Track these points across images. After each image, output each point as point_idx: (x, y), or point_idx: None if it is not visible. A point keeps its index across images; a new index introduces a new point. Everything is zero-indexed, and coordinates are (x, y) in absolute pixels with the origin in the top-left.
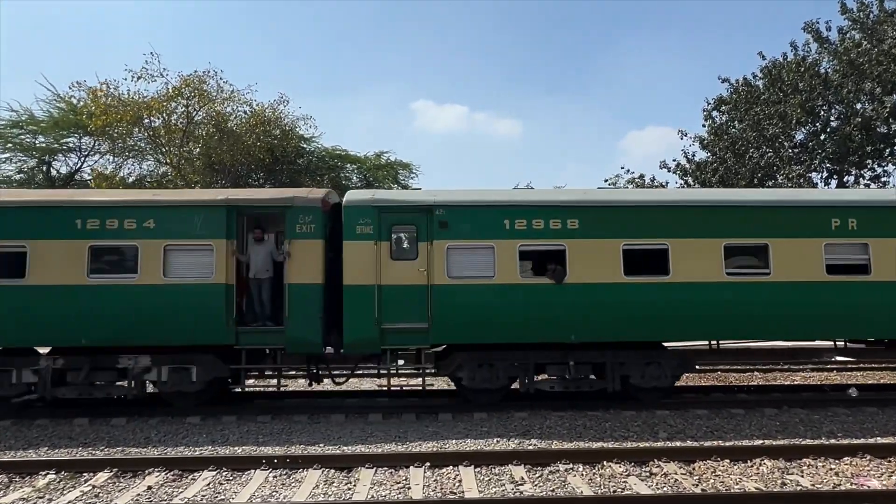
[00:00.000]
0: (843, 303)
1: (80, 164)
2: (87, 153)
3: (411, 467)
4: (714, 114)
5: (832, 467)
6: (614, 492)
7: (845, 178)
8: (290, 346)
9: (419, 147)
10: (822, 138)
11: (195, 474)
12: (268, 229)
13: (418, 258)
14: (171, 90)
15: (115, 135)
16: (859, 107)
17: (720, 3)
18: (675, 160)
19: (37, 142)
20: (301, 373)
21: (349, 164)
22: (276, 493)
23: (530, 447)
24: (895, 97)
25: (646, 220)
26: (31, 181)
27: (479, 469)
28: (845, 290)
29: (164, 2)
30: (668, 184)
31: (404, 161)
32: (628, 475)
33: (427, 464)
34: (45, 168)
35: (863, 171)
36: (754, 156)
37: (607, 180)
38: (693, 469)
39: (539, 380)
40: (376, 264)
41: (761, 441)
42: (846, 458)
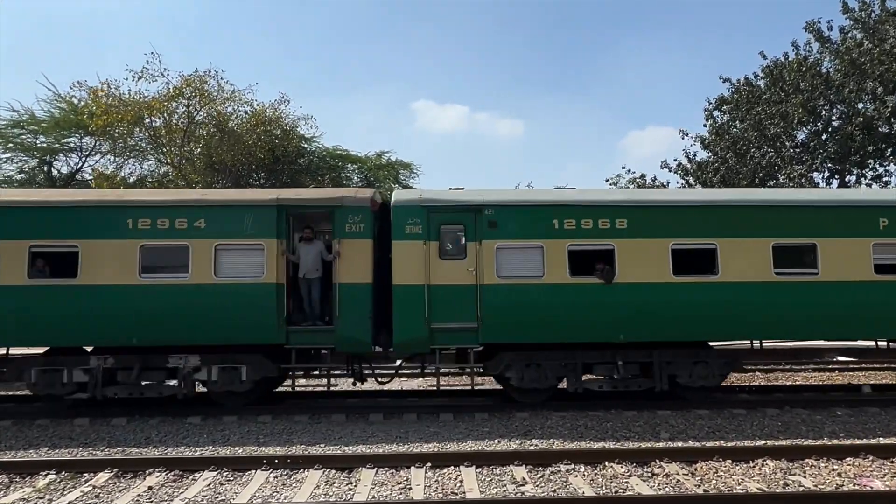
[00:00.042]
0: (891, 302)
1: (81, 164)
2: (88, 153)
3: (412, 468)
4: (715, 113)
5: (835, 468)
6: (616, 492)
7: (847, 178)
8: (340, 346)
9: (420, 147)
10: (823, 138)
11: (196, 475)
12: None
13: (467, 258)
14: (171, 90)
15: (116, 135)
16: (861, 106)
17: (720, 3)
18: (676, 160)
19: (38, 142)
20: (342, 372)
21: (350, 164)
22: (277, 493)
23: (531, 447)
24: None
25: (694, 220)
26: (33, 181)
27: (480, 469)
28: (894, 290)
29: (165, 2)
30: (668, 184)
31: (405, 161)
32: (630, 476)
33: (428, 464)
34: (46, 168)
35: (864, 171)
36: (755, 156)
37: (608, 180)
38: (695, 469)
39: (587, 379)
40: (425, 264)
41: (763, 441)
42: (849, 459)
